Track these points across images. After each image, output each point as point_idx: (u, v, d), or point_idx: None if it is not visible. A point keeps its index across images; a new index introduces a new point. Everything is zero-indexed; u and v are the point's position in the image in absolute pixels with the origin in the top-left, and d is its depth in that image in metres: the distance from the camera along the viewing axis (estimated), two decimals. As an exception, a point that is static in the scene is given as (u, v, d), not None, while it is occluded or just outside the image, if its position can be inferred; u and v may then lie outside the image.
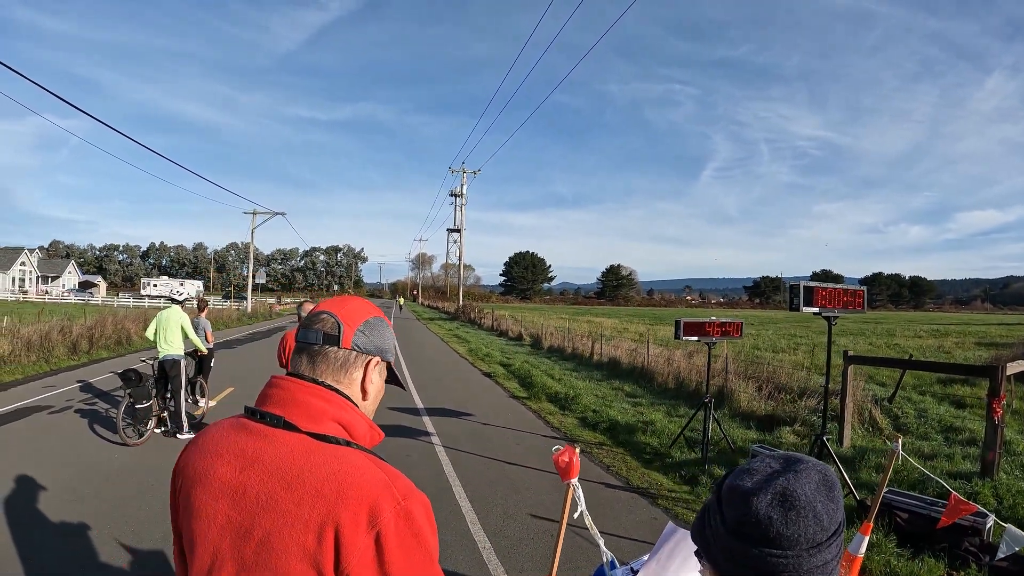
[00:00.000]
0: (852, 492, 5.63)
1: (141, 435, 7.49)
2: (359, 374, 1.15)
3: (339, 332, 1.14)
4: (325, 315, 1.16)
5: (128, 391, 7.43)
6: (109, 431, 7.94)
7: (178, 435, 7.82)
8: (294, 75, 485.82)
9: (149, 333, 8.16)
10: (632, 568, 1.94)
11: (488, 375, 15.12)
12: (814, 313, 5.66)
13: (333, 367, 1.13)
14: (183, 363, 8.07)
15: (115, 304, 54.71)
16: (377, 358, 1.18)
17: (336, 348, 1.13)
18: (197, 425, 8.44)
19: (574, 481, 2.65)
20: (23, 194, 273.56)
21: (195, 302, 8.61)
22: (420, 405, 10.44)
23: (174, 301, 8.43)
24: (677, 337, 7.34)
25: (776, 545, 0.81)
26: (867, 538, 3.18)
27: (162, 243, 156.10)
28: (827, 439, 5.94)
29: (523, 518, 5.31)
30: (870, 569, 4.47)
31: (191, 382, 9.02)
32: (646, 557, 1.86)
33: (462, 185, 46.67)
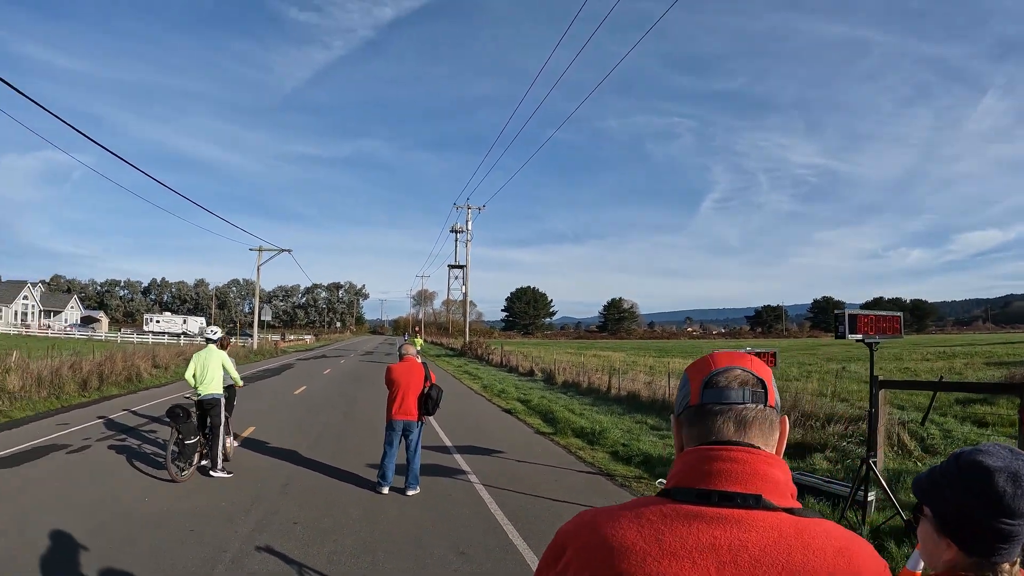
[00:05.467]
0: (899, 513, 5.63)
1: (184, 471, 7.63)
2: (777, 435, 1.05)
3: (764, 389, 1.03)
4: (739, 371, 1.04)
5: (176, 427, 7.66)
6: (134, 471, 7.97)
7: (211, 472, 7.86)
8: (298, 113, 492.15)
9: (188, 374, 8.23)
10: None
11: (508, 411, 15.05)
12: (857, 340, 5.75)
13: (763, 429, 1.02)
14: (223, 401, 8.25)
15: (118, 339, 54.98)
16: (783, 416, 1.08)
17: (764, 407, 1.02)
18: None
19: None
20: (26, 228, 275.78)
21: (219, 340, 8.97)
22: (448, 443, 10.39)
23: (209, 340, 8.66)
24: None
25: (1005, 514, 1.11)
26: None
27: (163, 279, 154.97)
28: (873, 462, 6.00)
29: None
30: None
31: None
32: None
33: (467, 221, 47.17)
